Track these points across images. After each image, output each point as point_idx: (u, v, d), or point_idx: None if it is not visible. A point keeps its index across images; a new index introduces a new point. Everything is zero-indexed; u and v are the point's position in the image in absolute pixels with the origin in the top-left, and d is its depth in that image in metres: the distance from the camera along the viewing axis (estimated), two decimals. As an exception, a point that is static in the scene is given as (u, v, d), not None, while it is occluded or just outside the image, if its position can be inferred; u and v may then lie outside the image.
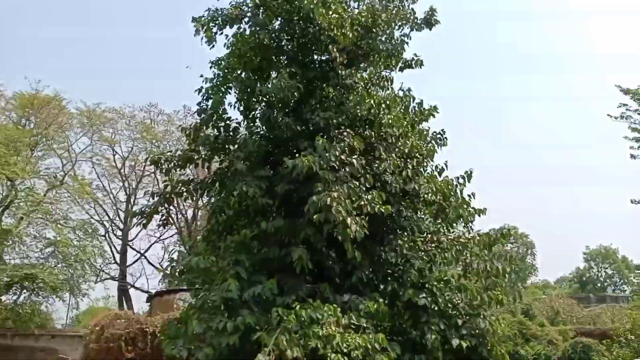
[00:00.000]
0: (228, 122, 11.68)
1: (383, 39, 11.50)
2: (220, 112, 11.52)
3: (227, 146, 11.61)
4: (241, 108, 11.98)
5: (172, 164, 11.48)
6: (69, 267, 33.71)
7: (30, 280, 29.59)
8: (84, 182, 37.53)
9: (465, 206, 10.85)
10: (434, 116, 11.78)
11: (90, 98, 46.36)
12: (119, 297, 41.01)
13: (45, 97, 35.22)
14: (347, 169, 9.43)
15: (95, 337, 18.12)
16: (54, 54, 69.78)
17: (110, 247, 40.11)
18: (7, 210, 32.19)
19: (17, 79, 62.34)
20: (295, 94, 10.46)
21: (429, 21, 11.80)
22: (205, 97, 11.80)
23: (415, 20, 11.71)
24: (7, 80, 52.54)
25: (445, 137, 11.56)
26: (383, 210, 9.11)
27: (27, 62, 60.77)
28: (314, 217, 8.91)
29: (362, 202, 9.12)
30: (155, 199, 11.42)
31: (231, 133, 11.71)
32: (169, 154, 11.79)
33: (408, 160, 10.65)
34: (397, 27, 11.68)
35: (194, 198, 12.23)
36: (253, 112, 12.05)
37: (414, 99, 11.73)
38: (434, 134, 11.61)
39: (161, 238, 41.25)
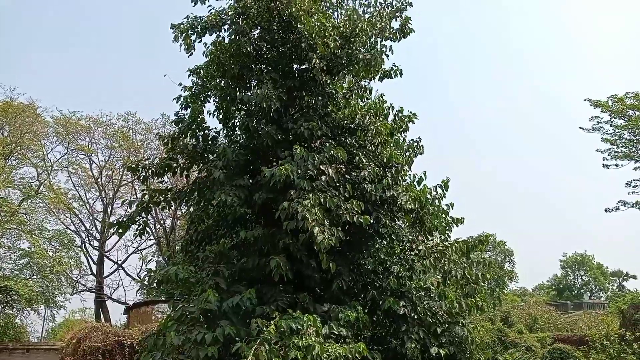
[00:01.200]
0: (207, 131, 11.61)
1: (362, 50, 11.57)
2: (199, 121, 11.45)
3: (205, 155, 11.52)
4: (220, 116, 11.93)
5: (150, 172, 11.33)
6: (44, 278, 33.00)
7: (4, 293, 28.93)
8: (59, 192, 36.96)
9: (443, 215, 10.92)
10: (413, 122, 11.85)
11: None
12: (95, 309, 40.31)
13: (19, 105, 34.66)
14: (324, 178, 9.43)
15: (72, 351, 17.85)
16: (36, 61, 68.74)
17: (87, 258, 39.51)
18: (-20, 221, 31.48)
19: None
20: (277, 102, 10.46)
21: (403, 29, 11.90)
22: (183, 106, 11.73)
23: (392, 29, 11.80)
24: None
25: (422, 146, 11.63)
26: (362, 220, 9.12)
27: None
28: (284, 224, 8.91)
29: (340, 212, 9.12)
30: (133, 207, 11.25)
31: (210, 142, 11.63)
32: (146, 161, 11.62)
33: (387, 169, 10.69)
34: (375, 38, 11.76)
35: (172, 207, 12.09)
36: (232, 121, 12.02)
37: (392, 108, 11.81)
38: (411, 142, 11.69)
39: (139, 248, 40.84)
